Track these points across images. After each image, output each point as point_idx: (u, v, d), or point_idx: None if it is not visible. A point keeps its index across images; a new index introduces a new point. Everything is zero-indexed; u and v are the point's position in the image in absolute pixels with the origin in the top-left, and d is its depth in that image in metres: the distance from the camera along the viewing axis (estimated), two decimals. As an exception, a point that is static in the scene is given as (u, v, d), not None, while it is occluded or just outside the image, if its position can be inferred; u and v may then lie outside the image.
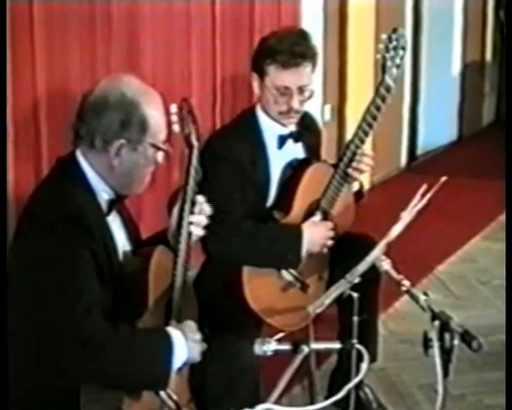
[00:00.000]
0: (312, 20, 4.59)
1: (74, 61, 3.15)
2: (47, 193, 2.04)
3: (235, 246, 2.61)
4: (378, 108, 2.62)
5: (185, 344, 2.00)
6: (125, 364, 1.91)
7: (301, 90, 2.65)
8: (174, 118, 2.10)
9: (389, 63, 2.60)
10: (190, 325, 2.07)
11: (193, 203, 2.13)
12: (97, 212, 2.06)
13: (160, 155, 2.11)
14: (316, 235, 2.68)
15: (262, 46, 2.69)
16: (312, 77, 2.70)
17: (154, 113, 2.07)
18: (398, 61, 2.60)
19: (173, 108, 2.09)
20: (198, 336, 2.07)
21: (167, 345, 1.97)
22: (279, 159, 2.74)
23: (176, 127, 2.10)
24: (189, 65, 3.76)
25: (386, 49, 2.59)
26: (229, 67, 3.98)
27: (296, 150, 2.79)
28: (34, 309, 1.90)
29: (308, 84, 2.67)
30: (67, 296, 1.89)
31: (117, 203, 2.13)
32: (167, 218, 2.39)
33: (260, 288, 2.63)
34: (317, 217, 2.72)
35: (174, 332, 2.01)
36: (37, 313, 1.90)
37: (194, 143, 2.12)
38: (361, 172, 2.70)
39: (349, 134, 4.40)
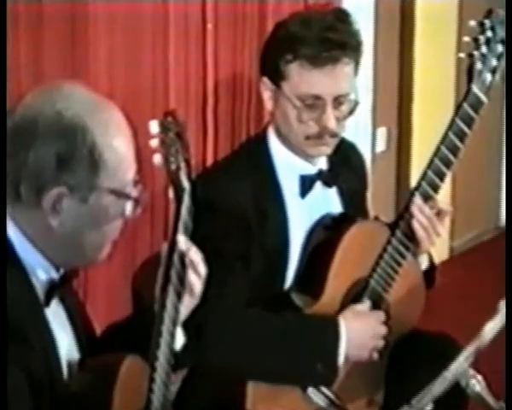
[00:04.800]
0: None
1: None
2: None
3: (233, 347, 2.64)
4: (461, 136, 2.65)
5: None
6: None
7: (339, 101, 2.68)
8: (154, 143, 2.06)
9: (479, 65, 2.63)
10: None
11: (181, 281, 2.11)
12: (32, 302, 2.04)
13: (129, 206, 2.10)
14: (361, 333, 2.70)
15: (278, 35, 2.72)
16: (355, 81, 2.72)
17: (113, 141, 2.06)
18: (493, 61, 2.63)
19: (154, 126, 2.06)
20: None
21: None
22: (302, 213, 2.78)
23: (157, 158, 2.06)
24: (166, 66, 3.78)
25: (476, 44, 2.61)
26: (227, 68, 4.00)
27: (329, 200, 2.84)
28: None
29: (349, 93, 2.69)
30: None
31: (60, 286, 2.12)
32: (130, 303, 2.44)
33: (274, 416, 2.67)
34: (365, 304, 2.74)
35: None
36: None
37: (185, 184, 2.09)
38: (428, 237, 2.71)
39: (415, 175, 4.38)
